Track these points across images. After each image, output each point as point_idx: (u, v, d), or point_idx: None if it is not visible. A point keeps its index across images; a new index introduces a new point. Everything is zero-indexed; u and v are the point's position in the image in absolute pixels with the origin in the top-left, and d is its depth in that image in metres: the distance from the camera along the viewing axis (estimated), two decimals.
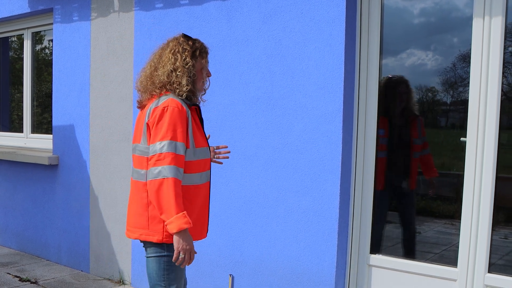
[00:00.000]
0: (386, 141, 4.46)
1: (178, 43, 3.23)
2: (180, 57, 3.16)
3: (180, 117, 3.02)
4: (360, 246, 4.38)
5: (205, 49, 3.33)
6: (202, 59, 3.27)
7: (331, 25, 4.12)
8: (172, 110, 3.01)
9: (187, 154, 3.07)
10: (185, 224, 2.91)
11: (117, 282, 5.65)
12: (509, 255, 3.95)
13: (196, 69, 3.21)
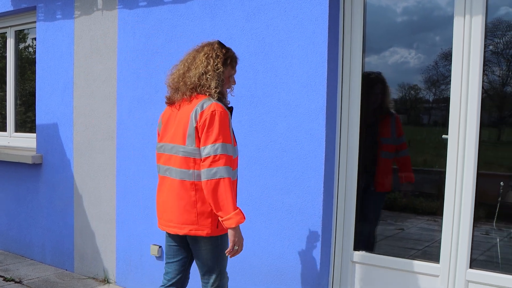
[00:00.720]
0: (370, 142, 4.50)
1: (213, 49, 3.46)
2: (212, 62, 3.40)
3: (226, 120, 3.29)
4: (343, 243, 4.41)
5: (236, 59, 3.58)
6: (231, 69, 3.53)
7: (314, 24, 4.13)
8: (220, 114, 3.26)
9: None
10: (242, 219, 3.24)
11: (102, 281, 5.64)
12: (490, 250, 3.99)
13: (225, 75, 3.46)
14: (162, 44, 4.99)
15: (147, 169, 5.17)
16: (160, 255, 5.12)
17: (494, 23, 3.83)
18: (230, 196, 3.21)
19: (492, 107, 3.98)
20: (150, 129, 5.11)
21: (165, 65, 4.96)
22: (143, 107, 5.17)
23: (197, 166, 3.34)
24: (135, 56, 5.20)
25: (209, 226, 3.38)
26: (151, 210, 5.17)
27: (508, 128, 4.00)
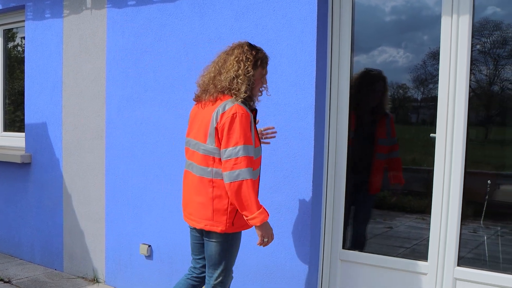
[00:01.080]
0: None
1: (243, 51, 3.51)
2: (243, 66, 3.46)
3: (247, 122, 3.37)
4: (332, 241, 4.42)
5: (266, 59, 3.62)
6: (262, 69, 3.57)
7: (303, 23, 4.15)
8: (241, 116, 3.35)
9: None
10: (266, 217, 3.37)
11: (91, 280, 5.63)
12: (478, 248, 4.02)
13: (255, 78, 3.52)
14: (151, 43, 4.99)
15: (137, 168, 5.17)
16: (150, 254, 5.12)
17: (481, 22, 3.86)
18: (253, 196, 3.34)
19: (479, 106, 4.00)
20: (139, 128, 5.11)
21: (154, 64, 4.97)
22: (132, 106, 5.16)
23: (216, 164, 3.46)
24: (124, 55, 5.19)
25: (224, 223, 3.49)
26: (141, 209, 5.17)
27: (495, 127, 4.03)
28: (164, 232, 5.03)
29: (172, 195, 4.93)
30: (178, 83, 4.83)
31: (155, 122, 5.00)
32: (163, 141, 4.96)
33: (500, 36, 3.84)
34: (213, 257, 3.61)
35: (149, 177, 5.09)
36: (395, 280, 4.21)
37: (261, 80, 3.61)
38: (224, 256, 3.59)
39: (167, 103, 4.91)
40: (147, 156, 5.09)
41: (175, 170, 4.89)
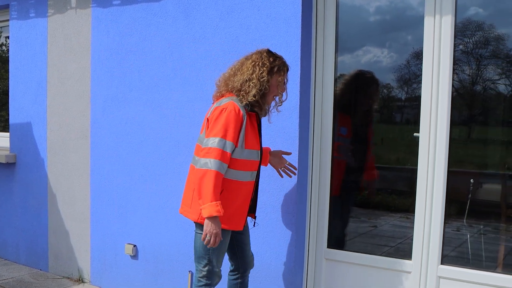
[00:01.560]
0: (348, 142, 4.53)
1: (261, 57, 3.59)
2: (258, 70, 3.53)
3: (235, 119, 3.43)
4: (317, 240, 4.44)
5: (284, 67, 3.66)
6: (278, 76, 3.60)
7: (288, 23, 4.16)
8: (229, 112, 3.44)
9: (235, 152, 3.48)
10: (215, 212, 3.33)
11: (76, 280, 5.61)
12: (461, 246, 4.05)
13: (270, 84, 3.57)
14: (136, 42, 4.98)
15: (122, 168, 5.16)
16: (135, 254, 5.12)
17: (464, 23, 3.89)
18: (212, 188, 3.34)
19: (462, 106, 4.04)
20: (124, 127, 5.10)
21: (139, 64, 4.96)
22: (117, 106, 5.15)
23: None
24: (109, 55, 5.18)
25: (197, 213, 3.54)
26: (126, 209, 5.16)
27: (478, 126, 4.06)
28: (149, 232, 5.02)
29: (157, 194, 4.93)
30: (163, 83, 4.82)
31: (140, 122, 4.99)
32: (148, 141, 4.96)
33: (482, 37, 3.88)
34: (196, 249, 3.68)
35: (134, 177, 5.08)
36: (379, 279, 4.24)
37: (278, 87, 3.63)
38: (207, 250, 3.60)
39: (152, 102, 4.90)
40: (132, 156, 5.08)
41: (160, 169, 4.89)
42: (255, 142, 3.59)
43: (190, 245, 4.71)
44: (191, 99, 4.65)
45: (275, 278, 4.32)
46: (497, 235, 3.99)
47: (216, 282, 3.72)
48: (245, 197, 3.61)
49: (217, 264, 3.67)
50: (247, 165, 3.56)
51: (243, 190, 3.59)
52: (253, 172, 3.62)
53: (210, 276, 3.67)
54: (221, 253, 3.67)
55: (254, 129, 3.61)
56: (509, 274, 3.79)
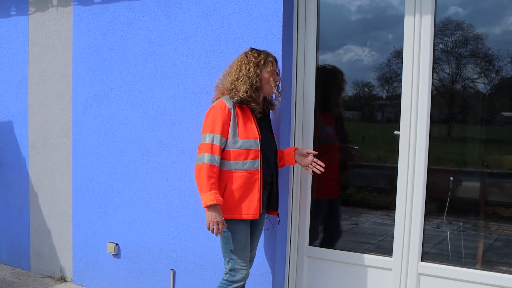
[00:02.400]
0: (337, 139, 4.55)
1: (246, 56, 3.79)
2: (244, 68, 3.73)
3: (221, 114, 3.64)
4: (299, 238, 4.46)
5: (269, 58, 3.80)
6: (267, 68, 3.76)
7: (269, 21, 4.17)
8: (215, 109, 3.68)
9: (229, 144, 3.68)
10: (210, 201, 3.53)
11: (59, 279, 5.59)
12: (441, 243, 4.08)
13: (261, 77, 3.74)
14: (118, 41, 4.97)
15: (103, 166, 5.14)
16: (117, 252, 5.10)
17: (443, 22, 3.92)
18: (205, 179, 3.56)
19: (442, 104, 4.07)
20: (106, 126, 5.08)
21: (120, 62, 4.95)
22: (98, 104, 5.13)
23: None
24: (90, 53, 5.16)
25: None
26: (108, 207, 5.15)
27: (458, 124, 4.10)
28: (131, 231, 5.01)
29: (139, 193, 4.92)
30: (144, 81, 4.81)
31: (122, 120, 4.98)
32: (129, 139, 4.95)
33: (461, 36, 3.91)
34: (221, 247, 3.84)
35: (116, 175, 5.07)
36: (360, 276, 4.26)
37: (271, 78, 3.77)
38: (224, 245, 3.77)
39: (133, 101, 4.89)
40: (113, 154, 5.07)
41: (142, 168, 4.88)
42: (251, 132, 3.70)
43: (173, 243, 4.74)
44: (173, 97, 4.65)
45: (258, 276, 4.33)
46: (476, 232, 4.03)
47: (238, 279, 3.76)
48: (249, 185, 3.70)
49: (238, 260, 3.75)
50: (243, 155, 3.67)
51: (245, 179, 3.69)
52: (255, 161, 3.69)
53: (232, 272, 3.76)
54: (241, 247, 3.75)
55: (250, 120, 3.73)
56: (488, 270, 3.84)
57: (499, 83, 3.90)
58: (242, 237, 3.73)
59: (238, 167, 3.67)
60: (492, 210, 3.98)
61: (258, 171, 3.70)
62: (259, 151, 3.70)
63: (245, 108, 3.74)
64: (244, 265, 3.74)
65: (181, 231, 4.70)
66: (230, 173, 3.69)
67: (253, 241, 3.98)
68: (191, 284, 4.68)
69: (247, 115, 3.74)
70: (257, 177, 3.70)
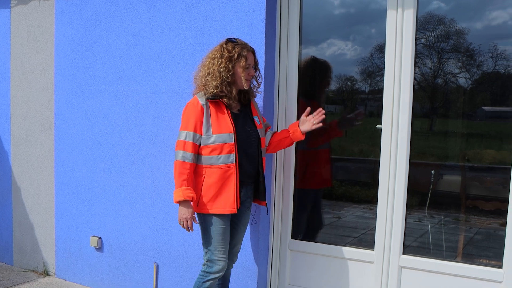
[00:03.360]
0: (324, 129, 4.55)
1: (220, 49, 3.72)
2: (217, 63, 3.68)
3: (193, 110, 3.68)
4: (282, 231, 4.48)
5: (243, 51, 3.70)
6: (241, 62, 3.69)
7: (252, 15, 4.16)
8: (189, 107, 3.72)
9: (203, 140, 3.69)
10: (179, 197, 3.59)
11: (42, 273, 5.58)
12: (423, 237, 4.12)
13: (234, 72, 3.70)
14: (100, 34, 4.94)
15: (86, 160, 5.12)
16: (100, 246, 5.09)
17: (425, 17, 3.94)
18: (177, 175, 3.63)
19: (424, 98, 4.09)
20: (88, 119, 5.06)
21: (103, 56, 4.93)
22: (81, 97, 5.11)
23: None
24: (73, 46, 5.13)
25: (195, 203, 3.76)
26: (91, 201, 5.13)
27: (439, 118, 4.12)
28: (114, 224, 5.00)
29: (122, 186, 4.91)
30: (127, 74, 4.80)
31: (105, 113, 4.96)
32: (112, 133, 4.93)
33: (443, 31, 3.93)
34: (201, 237, 3.85)
35: (99, 169, 5.05)
36: (343, 269, 4.29)
37: (244, 72, 3.71)
38: (203, 237, 3.81)
39: (116, 94, 4.88)
40: (96, 147, 5.05)
41: (125, 161, 4.87)
42: (225, 126, 3.68)
43: (156, 237, 4.73)
44: (156, 91, 4.64)
45: (241, 270, 4.34)
46: (457, 225, 4.06)
47: (215, 270, 3.76)
48: (225, 180, 3.70)
49: (215, 252, 3.75)
50: (217, 149, 3.67)
51: (221, 173, 3.69)
52: (229, 155, 3.68)
53: (209, 263, 3.77)
54: (218, 239, 3.75)
55: (223, 114, 3.71)
56: (468, 263, 3.88)
57: (480, 78, 3.93)
58: (220, 229, 3.74)
59: (213, 162, 3.68)
60: (472, 204, 4.02)
61: (233, 165, 3.69)
62: (233, 145, 3.68)
63: (219, 102, 3.72)
64: (221, 257, 3.74)
65: (164, 225, 4.70)
66: (205, 168, 3.70)
67: (237, 235, 3.99)
68: (174, 277, 4.69)
69: (221, 109, 3.73)
70: (232, 171, 3.69)
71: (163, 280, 4.76)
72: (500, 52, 3.76)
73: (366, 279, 4.20)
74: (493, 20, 3.81)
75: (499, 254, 3.77)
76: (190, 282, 4.56)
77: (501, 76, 3.82)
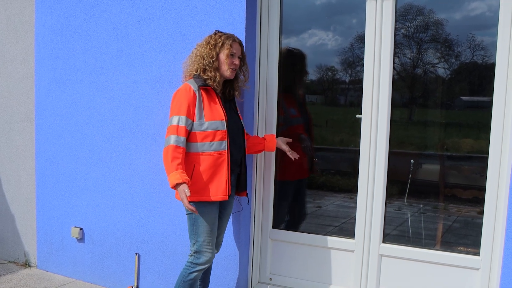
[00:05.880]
0: (301, 121, 4.58)
1: (209, 37, 3.83)
2: (201, 49, 3.80)
3: (185, 96, 3.67)
4: (263, 221, 4.50)
5: (227, 40, 3.79)
6: (224, 50, 3.77)
7: (232, 4, 4.16)
8: (180, 92, 3.71)
9: (195, 126, 3.69)
10: (176, 180, 3.50)
11: (23, 264, 5.56)
12: (402, 225, 4.16)
13: (218, 58, 3.77)
14: (81, 24, 4.91)
15: (67, 150, 5.10)
16: (81, 237, 5.09)
17: (405, 7, 3.96)
18: (170, 160, 3.57)
19: (403, 88, 4.13)
20: (69, 110, 5.04)
21: (84, 45, 4.90)
22: (62, 88, 5.08)
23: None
24: (53, 36, 5.10)
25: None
26: (72, 191, 5.12)
27: (419, 108, 4.16)
28: (95, 215, 5.00)
29: (103, 177, 4.90)
30: (108, 65, 4.78)
31: (85, 103, 4.94)
32: (93, 123, 4.91)
33: (422, 21, 3.96)
34: (188, 228, 3.84)
35: (80, 159, 5.04)
36: (324, 258, 4.32)
37: (226, 61, 3.77)
38: (190, 227, 3.78)
39: (97, 84, 4.85)
40: (77, 138, 5.03)
41: (106, 152, 4.86)
42: (217, 114, 3.71)
43: (137, 227, 4.74)
44: (136, 81, 4.63)
45: (222, 260, 4.36)
46: (436, 213, 4.11)
47: (203, 261, 3.75)
48: (217, 167, 3.71)
49: (204, 243, 3.75)
50: (209, 136, 3.68)
51: (212, 160, 3.70)
52: (221, 142, 3.71)
53: (197, 254, 3.76)
54: (207, 230, 3.75)
55: (215, 102, 3.74)
56: (447, 251, 3.93)
57: (458, 68, 3.97)
58: (210, 219, 3.75)
59: (205, 148, 3.68)
60: (451, 192, 4.07)
61: (225, 152, 3.71)
62: (225, 132, 3.71)
63: (210, 90, 3.75)
64: (209, 248, 3.75)
65: (145, 215, 4.71)
66: (197, 155, 3.69)
67: (222, 224, 4.00)
68: (155, 267, 4.70)
69: (212, 97, 3.75)
70: (224, 158, 3.71)
71: (144, 270, 4.76)
72: (477, 42, 3.80)
73: (346, 267, 4.24)
74: (471, 11, 3.84)
75: (477, 242, 3.82)
76: (172, 271, 4.57)
77: (478, 66, 3.86)
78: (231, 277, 4.38)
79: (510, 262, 3.51)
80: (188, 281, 3.77)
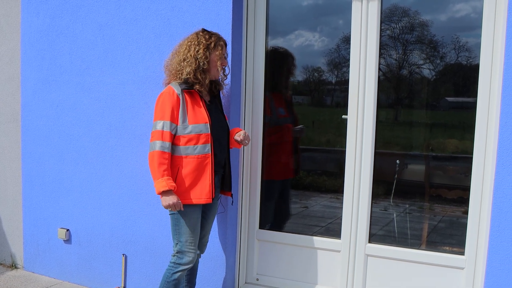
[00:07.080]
0: (290, 120, 4.59)
1: (196, 36, 3.76)
2: (193, 49, 3.71)
3: (169, 100, 3.65)
4: (249, 221, 4.51)
5: (220, 42, 3.78)
6: (216, 51, 3.75)
7: (219, 5, 4.17)
8: (164, 96, 3.68)
9: (179, 130, 3.68)
10: (162, 187, 3.55)
11: (9, 266, 5.53)
12: (388, 225, 4.18)
13: (210, 60, 3.73)
14: (67, 24, 4.90)
15: (53, 151, 5.09)
16: (68, 238, 5.07)
17: (390, 8, 3.99)
18: (156, 166, 3.59)
19: (389, 89, 4.15)
20: (55, 111, 5.02)
21: (70, 46, 4.89)
22: (48, 88, 5.06)
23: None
24: (39, 37, 5.08)
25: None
26: (58, 193, 5.10)
27: (404, 109, 4.19)
28: (82, 216, 4.98)
29: (89, 178, 4.89)
30: (94, 66, 4.77)
31: (71, 105, 4.93)
32: (79, 124, 4.90)
33: (408, 22, 3.99)
34: (171, 229, 3.84)
35: (66, 160, 5.02)
36: (310, 258, 4.34)
37: (219, 61, 3.76)
38: (173, 229, 3.79)
39: (83, 85, 4.84)
40: (63, 139, 5.02)
41: (92, 153, 4.85)
42: (201, 117, 3.71)
43: (124, 228, 4.73)
44: (123, 82, 4.62)
45: (209, 260, 4.36)
46: (421, 214, 4.14)
47: (185, 261, 3.77)
48: (201, 170, 3.71)
49: (186, 243, 3.75)
50: (193, 139, 3.68)
51: (196, 163, 3.70)
52: (205, 145, 3.71)
53: (180, 254, 3.77)
54: (190, 230, 3.76)
55: (198, 105, 3.73)
56: (432, 250, 3.96)
57: (443, 69, 3.99)
58: (192, 220, 3.75)
59: (189, 152, 3.68)
60: (436, 192, 4.09)
61: (209, 155, 3.71)
62: (209, 135, 3.70)
63: (193, 93, 3.74)
64: (191, 248, 3.76)
65: (132, 216, 4.70)
66: (181, 158, 3.69)
67: (206, 225, 4.01)
68: (142, 268, 4.70)
69: (196, 100, 3.74)
70: (208, 162, 3.71)
71: (131, 271, 4.76)
72: (462, 44, 3.83)
73: (333, 267, 4.26)
74: (456, 13, 3.87)
75: (462, 241, 3.85)
76: (158, 272, 4.57)
77: (463, 68, 3.89)
78: (217, 278, 4.39)
79: (494, 261, 3.54)
80: (172, 281, 3.78)
